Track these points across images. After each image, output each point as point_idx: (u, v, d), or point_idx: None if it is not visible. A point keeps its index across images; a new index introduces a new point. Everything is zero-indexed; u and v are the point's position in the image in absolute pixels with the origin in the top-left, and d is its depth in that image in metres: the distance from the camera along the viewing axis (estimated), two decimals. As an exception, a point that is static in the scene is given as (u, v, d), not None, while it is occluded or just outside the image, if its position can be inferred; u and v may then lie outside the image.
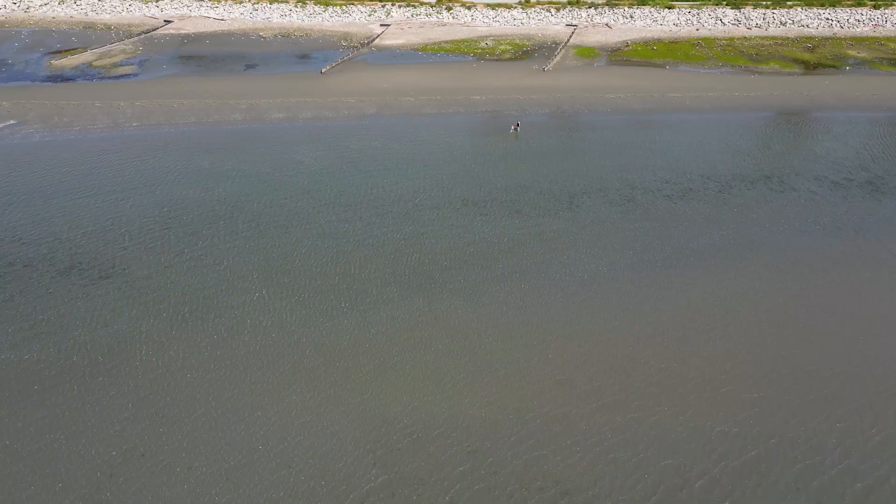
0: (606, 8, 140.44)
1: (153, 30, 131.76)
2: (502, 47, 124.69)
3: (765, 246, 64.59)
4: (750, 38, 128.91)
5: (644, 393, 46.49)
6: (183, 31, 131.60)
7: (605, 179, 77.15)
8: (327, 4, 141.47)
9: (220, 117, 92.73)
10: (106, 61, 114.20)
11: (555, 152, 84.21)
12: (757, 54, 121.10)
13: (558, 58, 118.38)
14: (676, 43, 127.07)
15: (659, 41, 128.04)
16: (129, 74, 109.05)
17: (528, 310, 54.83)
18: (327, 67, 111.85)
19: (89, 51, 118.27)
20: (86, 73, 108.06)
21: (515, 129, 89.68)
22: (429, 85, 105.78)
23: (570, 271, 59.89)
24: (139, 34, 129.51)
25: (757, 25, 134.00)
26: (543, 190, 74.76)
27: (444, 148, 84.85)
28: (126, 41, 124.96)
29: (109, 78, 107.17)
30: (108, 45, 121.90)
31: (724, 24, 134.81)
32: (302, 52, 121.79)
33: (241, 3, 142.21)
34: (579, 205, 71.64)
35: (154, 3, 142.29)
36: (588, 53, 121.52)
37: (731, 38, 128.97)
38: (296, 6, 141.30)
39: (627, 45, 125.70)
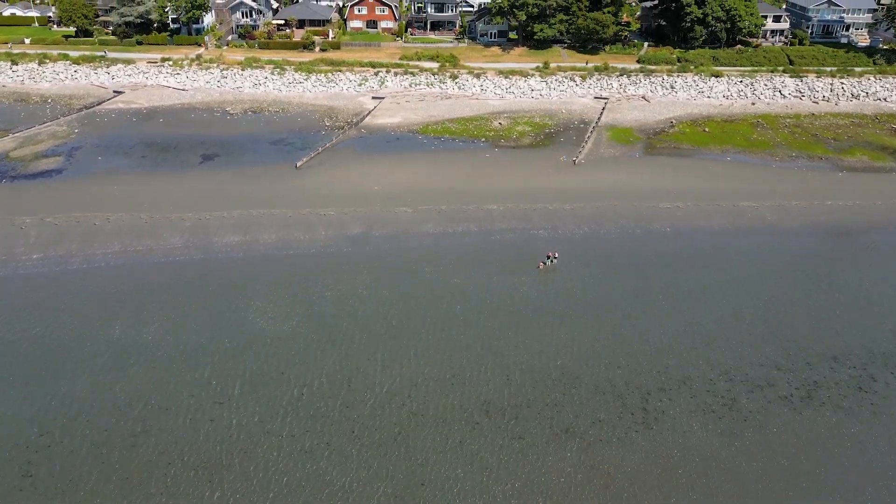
0: (641, 76, 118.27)
1: (98, 103, 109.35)
2: (520, 128, 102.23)
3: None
4: (819, 116, 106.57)
5: None
6: (134, 106, 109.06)
7: (685, 361, 53.70)
8: (310, 71, 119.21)
9: (153, 242, 69.48)
10: (27, 151, 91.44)
11: (606, 305, 60.94)
12: (835, 139, 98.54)
13: (590, 144, 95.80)
14: (731, 122, 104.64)
15: (709, 119, 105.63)
16: (51, 171, 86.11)
17: None
18: (304, 160, 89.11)
19: (10, 135, 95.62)
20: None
21: (547, 263, 66.48)
22: (431, 186, 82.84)
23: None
24: (80, 109, 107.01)
25: (824, 98, 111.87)
26: (600, 383, 51.31)
27: (452, 297, 61.59)
28: (61, 120, 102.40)
29: (24, 177, 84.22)
30: (37, 127, 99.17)
31: (785, 97, 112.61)
32: (274, 136, 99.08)
33: (207, 69, 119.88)
34: (657, 415, 48.12)
35: (104, 69, 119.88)
36: (625, 137, 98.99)
37: (798, 116, 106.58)
38: (272, 73, 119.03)
39: (672, 125, 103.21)
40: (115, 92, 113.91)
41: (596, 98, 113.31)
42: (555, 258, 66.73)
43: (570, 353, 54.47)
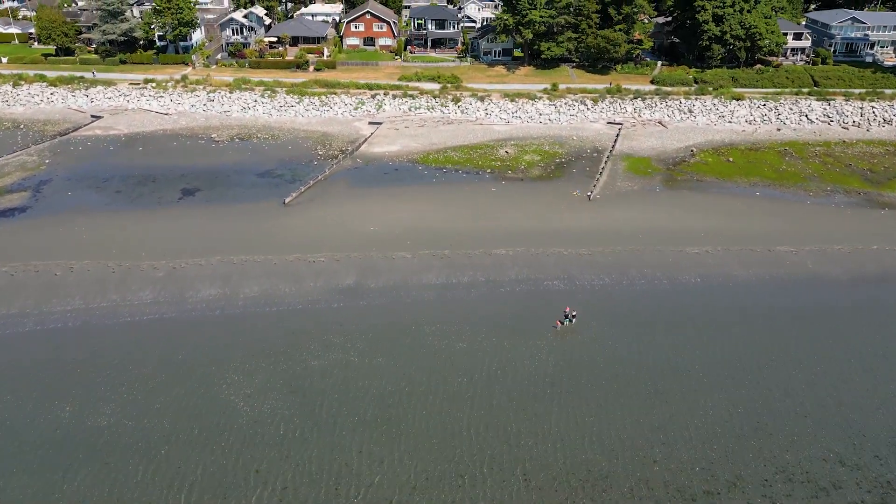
0: (656, 98, 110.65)
1: (74, 129, 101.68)
2: (528, 157, 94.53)
3: None
4: (852, 143, 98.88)
5: None
6: (112, 132, 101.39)
7: (733, 453, 45.70)
8: (303, 94, 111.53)
9: (119, 297, 61.60)
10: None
11: (633, 378, 52.95)
12: (871, 170, 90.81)
13: (605, 176, 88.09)
14: (756, 150, 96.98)
15: (733, 147, 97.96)
16: (14, 209, 78.38)
17: None
18: (293, 195, 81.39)
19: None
20: (-47, 209, 77.47)
21: (565, 322, 58.49)
22: (433, 225, 75.16)
23: None
24: (53, 136, 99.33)
25: (854, 124, 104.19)
26: (634, 484, 43.34)
27: (456, 367, 53.67)
28: (31, 149, 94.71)
29: (-17, 216, 76.44)
30: (5, 157, 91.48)
31: (812, 122, 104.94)
32: (262, 166, 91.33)
33: (193, 91, 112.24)
34: (707, 533, 39.99)
35: (83, 91, 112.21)
36: (643, 168, 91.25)
37: (828, 144, 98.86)
38: (263, 96, 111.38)
39: (693, 154, 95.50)
40: (93, 116, 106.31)
41: (609, 123, 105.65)
42: (573, 316, 58.77)
43: (596, 443, 46.55)
